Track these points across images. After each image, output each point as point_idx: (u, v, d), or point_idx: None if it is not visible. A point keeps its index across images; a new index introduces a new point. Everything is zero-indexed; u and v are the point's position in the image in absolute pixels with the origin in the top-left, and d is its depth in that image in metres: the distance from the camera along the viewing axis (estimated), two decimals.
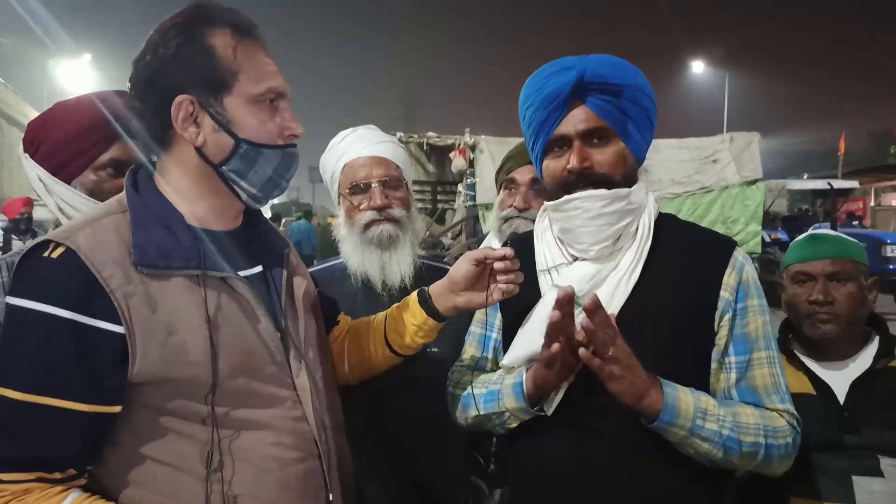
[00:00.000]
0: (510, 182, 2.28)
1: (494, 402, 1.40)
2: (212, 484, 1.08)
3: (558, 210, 1.38)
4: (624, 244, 1.36)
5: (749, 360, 1.34)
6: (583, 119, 1.33)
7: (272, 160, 1.19)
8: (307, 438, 1.20)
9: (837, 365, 1.74)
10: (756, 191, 10.32)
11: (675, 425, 1.25)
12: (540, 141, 1.39)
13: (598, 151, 1.34)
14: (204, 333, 1.09)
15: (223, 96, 1.14)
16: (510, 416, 1.39)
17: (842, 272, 1.73)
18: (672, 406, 1.24)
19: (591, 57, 1.36)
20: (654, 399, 1.24)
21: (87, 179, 1.59)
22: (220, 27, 1.15)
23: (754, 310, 1.36)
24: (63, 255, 1.05)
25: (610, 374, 1.22)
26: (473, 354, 1.55)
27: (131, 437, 1.09)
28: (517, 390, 1.35)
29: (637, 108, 1.35)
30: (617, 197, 1.32)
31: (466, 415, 1.47)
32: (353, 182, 1.82)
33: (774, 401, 1.34)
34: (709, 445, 1.26)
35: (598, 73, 1.32)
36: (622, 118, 1.34)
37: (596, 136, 1.34)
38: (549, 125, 1.35)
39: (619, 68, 1.35)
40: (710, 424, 1.26)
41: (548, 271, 1.42)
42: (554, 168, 1.38)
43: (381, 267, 1.79)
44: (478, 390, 1.44)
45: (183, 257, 1.11)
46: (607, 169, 1.33)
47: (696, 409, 1.26)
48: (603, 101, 1.32)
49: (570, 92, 1.32)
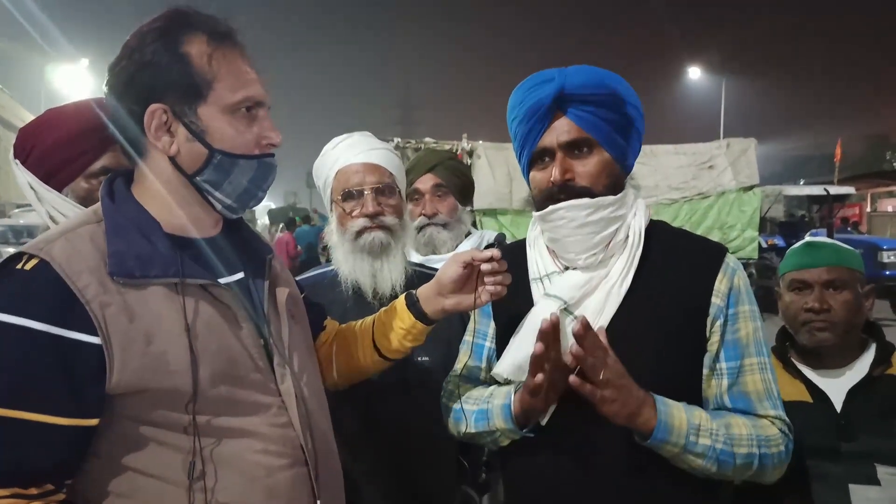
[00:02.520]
0: (414, 193, 2.36)
1: (484, 422, 1.40)
2: (195, 493, 1.07)
3: (545, 220, 1.39)
4: (615, 252, 1.36)
5: (741, 365, 1.34)
6: (565, 131, 1.34)
7: (248, 170, 1.18)
8: (294, 445, 1.19)
9: (834, 373, 1.73)
10: (753, 196, 10.34)
11: (668, 442, 1.24)
12: (525, 153, 1.40)
13: (581, 163, 1.34)
14: (183, 342, 1.08)
15: (197, 105, 1.13)
16: (500, 435, 1.39)
17: (838, 280, 1.72)
18: (665, 423, 1.24)
19: (572, 69, 1.37)
20: (647, 417, 1.23)
21: (79, 187, 1.58)
22: (196, 34, 1.13)
23: (745, 316, 1.35)
24: (37, 266, 1.03)
25: (602, 399, 1.22)
26: (467, 364, 1.55)
27: (113, 448, 1.08)
28: (506, 413, 1.35)
29: (620, 117, 1.35)
30: (601, 205, 1.33)
31: (459, 429, 1.48)
32: (345, 189, 1.81)
33: (767, 407, 1.34)
34: (702, 461, 1.26)
35: (578, 84, 1.33)
36: (605, 128, 1.34)
37: (578, 147, 1.34)
38: (533, 137, 1.36)
39: (599, 78, 1.35)
40: (704, 440, 1.25)
41: (540, 280, 1.42)
42: (539, 179, 1.39)
43: (371, 275, 1.78)
44: (468, 406, 1.44)
45: (161, 266, 1.10)
46: (588, 181, 1.34)
47: (690, 426, 1.25)
48: (584, 112, 1.33)
49: (550, 104, 1.33)
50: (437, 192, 2.33)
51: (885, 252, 11.76)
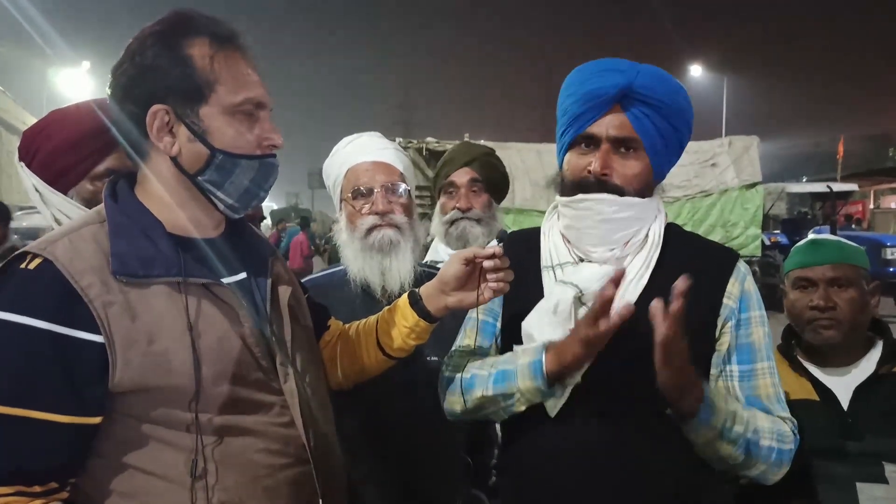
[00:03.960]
0: (449, 185, 2.38)
1: (505, 383, 1.34)
2: (197, 492, 1.07)
3: (569, 207, 1.38)
4: (631, 251, 1.37)
5: (753, 370, 1.35)
6: (617, 125, 1.33)
7: (249, 170, 1.19)
8: (297, 444, 1.19)
9: (841, 371, 1.72)
10: (755, 194, 10.32)
11: (709, 425, 1.23)
12: (570, 133, 1.38)
13: (622, 161, 1.34)
14: (186, 341, 1.08)
15: (199, 106, 1.14)
16: (520, 397, 1.33)
17: (843, 277, 1.72)
18: (711, 403, 1.22)
19: (644, 67, 1.36)
20: (698, 395, 1.22)
21: (84, 189, 1.57)
22: (198, 36, 1.14)
23: (756, 321, 1.37)
24: (40, 265, 1.04)
25: (668, 355, 1.17)
26: (475, 340, 1.51)
27: (115, 447, 1.09)
28: (535, 369, 1.29)
29: (672, 129, 1.35)
30: (628, 205, 1.33)
31: (469, 397, 1.41)
32: (355, 187, 1.81)
33: (778, 409, 1.35)
34: (733, 448, 1.25)
35: (646, 85, 1.32)
36: (655, 134, 1.34)
37: (625, 145, 1.34)
38: (584, 121, 1.35)
39: (668, 86, 1.35)
40: (738, 427, 1.25)
41: (552, 268, 1.41)
42: (576, 164, 1.38)
43: (381, 273, 1.77)
44: (485, 371, 1.39)
45: (163, 265, 1.11)
46: (624, 181, 1.34)
47: (727, 411, 1.25)
48: (642, 113, 1.33)
49: (613, 95, 1.32)
50: (473, 186, 2.34)
51: (888, 249, 11.74)
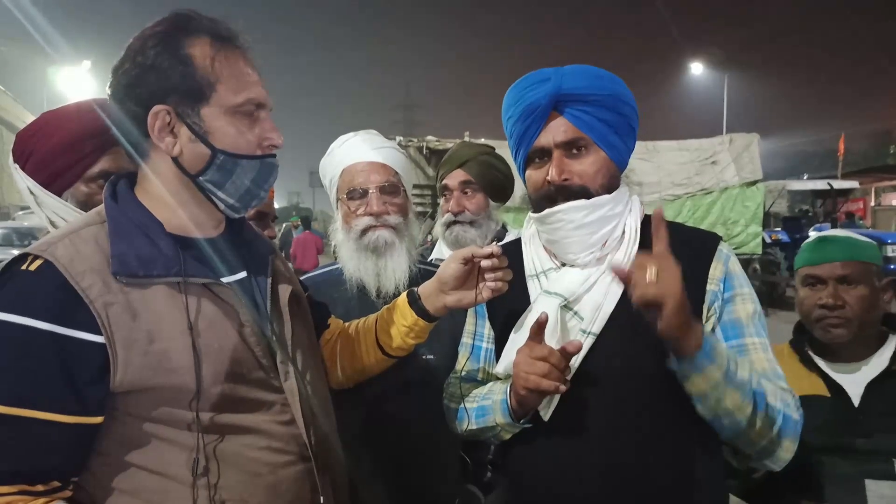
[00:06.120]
0: (444, 188, 2.38)
1: (485, 418, 1.40)
2: (199, 490, 1.08)
3: (543, 223, 1.39)
4: (612, 248, 1.37)
5: (743, 344, 1.32)
6: (561, 130, 1.34)
7: (250, 170, 1.19)
8: (298, 442, 1.20)
9: (852, 367, 1.71)
10: (756, 192, 10.33)
11: (714, 364, 1.18)
12: (521, 152, 1.40)
13: (578, 162, 1.35)
14: (186, 340, 1.09)
15: (200, 106, 1.14)
16: (501, 430, 1.39)
17: (852, 275, 1.70)
18: (711, 344, 1.19)
19: (568, 68, 1.37)
20: (698, 334, 1.17)
21: (79, 191, 1.56)
22: (199, 36, 1.15)
23: (743, 297, 1.34)
24: (41, 267, 1.05)
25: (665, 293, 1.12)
26: (465, 366, 1.56)
27: (117, 446, 1.09)
28: (503, 407, 1.35)
29: (617, 116, 1.36)
30: (597, 205, 1.34)
31: (462, 427, 1.48)
32: (351, 187, 1.81)
33: (778, 383, 1.31)
34: (740, 396, 1.20)
35: (574, 85, 1.33)
36: (601, 128, 1.34)
37: (575, 146, 1.35)
38: (529, 137, 1.36)
39: (595, 79, 1.35)
40: (742, 372, 1.21)
41: (536, 276, 1.42)
42: (535, 179, 1.39)
43: (376, 273, 1.77)
44: (470, 404, 1.45)
45: (164, 265, 1.11)
46: (585, 180, 1.34)
47: (730, 355, 1.21)
48: (581, 112, 1.33)
49: (546, 104, 1.33)
50: (466, 188, 2.34)
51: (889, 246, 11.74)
